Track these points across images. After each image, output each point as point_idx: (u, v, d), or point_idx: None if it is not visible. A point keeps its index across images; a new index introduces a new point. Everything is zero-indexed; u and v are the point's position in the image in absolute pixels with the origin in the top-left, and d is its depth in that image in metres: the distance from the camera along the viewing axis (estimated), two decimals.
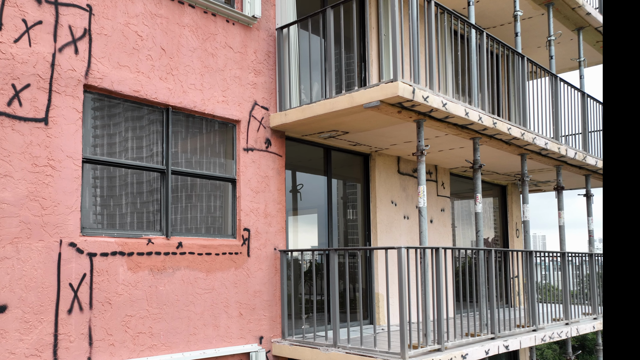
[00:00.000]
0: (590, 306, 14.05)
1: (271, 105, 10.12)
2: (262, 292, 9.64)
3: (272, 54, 10.23)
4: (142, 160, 8.50)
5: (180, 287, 8.50)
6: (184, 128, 9.05)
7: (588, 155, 13.93)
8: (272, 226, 9.94)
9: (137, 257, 8.02)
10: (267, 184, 9.90)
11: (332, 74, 9.58)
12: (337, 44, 11.07)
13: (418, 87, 8.75)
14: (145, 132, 8.57)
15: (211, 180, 9.39)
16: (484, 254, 10.27)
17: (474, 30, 10.61)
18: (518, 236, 17.86)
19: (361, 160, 12.52)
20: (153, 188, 8.61)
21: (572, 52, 17.43)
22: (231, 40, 9.55)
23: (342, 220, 12.18)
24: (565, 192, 16.27)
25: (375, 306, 12.02)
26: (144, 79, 8.31)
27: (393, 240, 12.64)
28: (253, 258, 9.56)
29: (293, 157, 10.94)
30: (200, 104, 9.01)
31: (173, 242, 8.49)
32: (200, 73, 9.05)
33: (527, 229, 12.05)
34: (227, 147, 9.63)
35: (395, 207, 12.82)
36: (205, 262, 8.85)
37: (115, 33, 8.04)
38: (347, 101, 9.06)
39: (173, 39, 8.75)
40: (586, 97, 14.59)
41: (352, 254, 11.77)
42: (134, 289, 7.95)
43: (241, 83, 9.63)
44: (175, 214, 8.86)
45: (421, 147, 9.24)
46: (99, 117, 8.07)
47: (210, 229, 9.36)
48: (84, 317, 7.41)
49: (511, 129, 10.91)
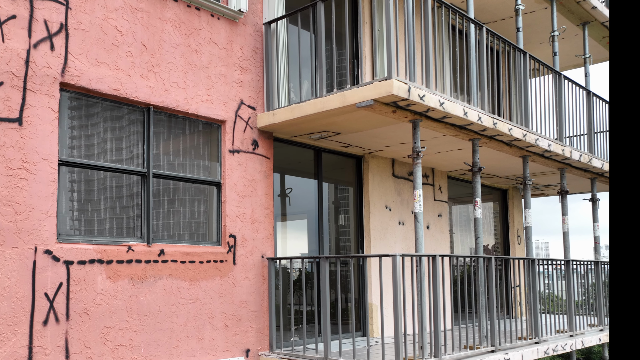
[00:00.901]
0: (596, 317, 14.14)
1: (258, 105, 10.18)
2: (248, 303, 9.69)
3: (260, 51, 10.29)
4: (121, 163, 8.56)
5: (162, 297, 8.55)
6: (166, 129, 9.10)
7: (594, 157, 14.03)
8: (260, 232, 10.00)
9: (116, 265, 8.07)
10: (254, 188, 9.96)
11: (323, 71, 9.64)
12: (328, 39, 11.14)
13: (414, 86, 8.83)
14: (125, 132, 8.62)
15: (195, 184, 9.44)
16: (483, 262, 10.35)
17: (473, 25, 10.69)
18: (520, 243, 17.96)
19: (354, 163, 12.59)
20: (133, 192, 8.67)
21: (576, 49, 17.54)
22: (216, 36, 9.62)
23: (334, 227, 12.24)
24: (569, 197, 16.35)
25: (369, 317, 12.08)
26: (123, 76, 8.37)
27: (387, 247, 12.71)
28: (239, 266, 9.62)
29: (281, 160, 11.00)
30: (183, 103, 9.07)
31: (154, 250, 8.54)
32: (184, 70, 9.11)
33: (529, 236, 12.13)
34: (211, 148, 9.68)
35: (390, 212, 12.89)
36: (189, 270, 8.90)
37: (93, 28, 8.10)
38: (338, 100, 9.12)
39: (154, 35, 8.81)
40: (592, 96, 14.69)
41: (344, 262, 11.83)
42: (113, 299, 8.00)
43: (227, 81, 9.69)
44: (157, 219, 8.91)
45: (417, 149, 9.31)
46: (76, 117, 8.12)
47: (194, 236, 9.41)
48: (60, 328, 7.46)
49: (512, 129, 10.99)
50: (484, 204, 17.14)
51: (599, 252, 14.80)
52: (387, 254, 8.64)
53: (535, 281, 11.64)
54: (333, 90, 9.39)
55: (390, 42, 8.77)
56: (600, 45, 17.35)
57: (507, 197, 17.98)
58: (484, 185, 16.64)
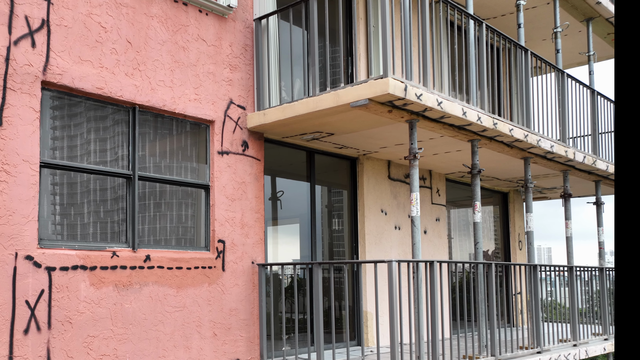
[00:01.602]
0: (601, 326, 14.22)
1: (248, 104, 10.23)
2: (238, 311, 9.73)
3: (250, 48, 10.34)
4: (106, 165, 8.60)
5: (148, 305, 8.58)
6: (152, 129, 9.14)
7: (598, 159, 14.10)
8: (250, 237, 10.04)
9: (100, 271, 8.10)
10: (243, 191, 10.00)
11: (316, 69, 9.69)
12: (321, 36, 11.19)
13: (410, 84, 8.88)
14: (109, 133, 8.66)
15: (182, 187, 9.48)
16: (483, 268, 10.40)
17: (473, 21, 10.75)
18: (521, 248, 18.02)
19: (348, 165, 12.63)
20: (118, 195, 8.71)
21: (580, 46, 17.63)
22: (204, 32, 9.66)
23: (327, 231, 12.29)
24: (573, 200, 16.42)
25: (364, 326, 12.12)
26: (108, 75, 8.41)
27: (383, 252, 12.75)
28: (228, 273, 9.66)
29: (273, 162, 11.05)
30: (170, 102, 9.11)
31: (140, 255, 8.58)
32: (170, 68, 9.15)
33: (530, 241, 12.19)
34: (199, 150, 9.72)
35: (386, 216, 12.94)
36: (176, 277, 8.94)
37: (76, 24, 8.14)
38: (332, 99, 9.17)
39: (140, 31, 8.85)
40: (596, 95, 14.76)
41: (338, 268, 11.87)
42: (97, 307, 8.04)
43: (215, 79, 9.74)
44: (143, 224, 8.94)
45: (414, 150, 9.37)
46: (59, 117, 8.16)
47: (181, 241, 9.45)
48: (41, 337, 7.49)
49: (513, 130, 11.05)
50: (483, 208, 17.20)
51: (604, 258, 14.87)
52: (383, 259, 8.68)
53: (537, 288, 11.70)
54: (326, 89, 9.44)
55: (386, 39, 8.82)
56: (604, 42, 17.42)
57: (508, 201, 18.05)
58: (483, 188, 16.71)
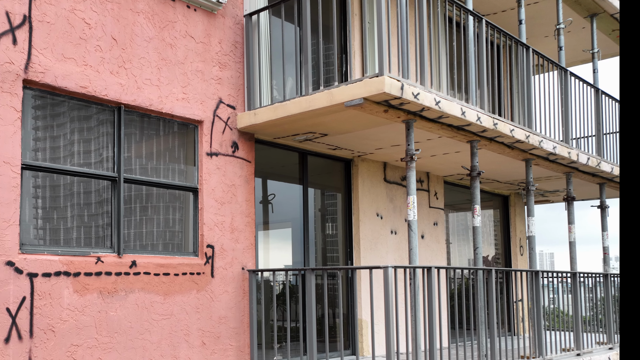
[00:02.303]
0: (605, 334, 14.27)
1: (238, 104, 10.27)
2: (228, 318, 9.77)
3: (240, 45, 10.38)
4: (90, 167, 8.64)
5: (134, 313, 8.62)
6: (138, 129, 9.18)
7: (603, 160, 14.17)
8: (240, 242, 10.08)
9: (84, 277, 8.14)
10: (233, 194, 10.04)
11: (309, 67, 9.74)
12: (314, 33, 11.23)
13: (407, 83, 8.93)
14: (93, 134, 8.69)
15: (169, 190, 9.52)
16: (483, 275, 10.46)
17: (472, 17, 10.81)
18: (522, 254, 18.08)
19: (342, 167, 12.68)
20: (103, 198, 8.74)
21: (584, 43, 17.69)
22: (192, 29, 9.70)
23: (320, 236, 12.32)
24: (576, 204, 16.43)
25: (358, 334, 12.15)
26: (92, 73, 8.45)
27: (379, 258, 12.80)
28: (218, 279, 9.70)
29: (264, 163, 11.09)
30: (156, 101, 9.15)
31: (126, 261, 8.62)
32: (157, 66, 9.19)
33: (532, 246, 12.25)
34: (187, 151, 9.76)
35: (381, 220, 12.98)
36: (163, 283, 8.98)
37: (59, 20, 8.18)
38: (325, 99, 9.22)
39: (126, 27, 8.89)
40: (600, 94, 14.83)
41: (332, 275, 11.90)
42: (81, 315, 8.07)
43: (204, 78, 9.78)
44: (129, 228, 8.98)
45: (411, 152, 9.41)
46: (41, 117, 8.19)
47: (168, 246, 9.48)
48: (23, 346, 7.52)
49: (514, 130, 11.11)
50: (483, 212, 17.25)
51: (608, 264, 14.93)
52: (379, 265, 8.72)
53: (539, 295, 11.75)
54: (320, 88, 9.48)
55: (382, 36, 8.87)
56: (609, 39, 17.49)
57: (509, 204, 18.11)
58: (483, 191, 16.75)
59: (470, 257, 16.45)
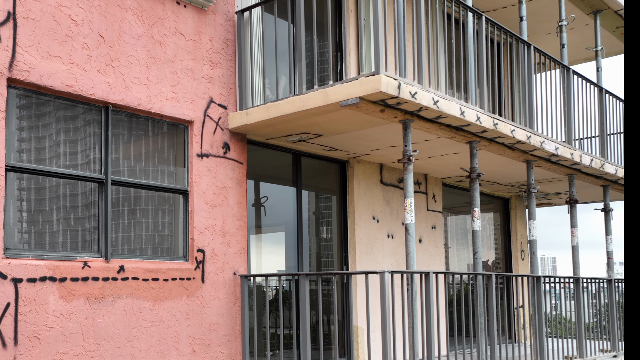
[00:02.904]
0: (609, 342, 14.32)
1: (230, 103, 10.30)
2: (219, 325, 9.80)
3: (232, 42, 10.41)
4: (76, 169, 8.67)
5: (122, 319, 8.65)
6: (126, 130, 9.21)
7: (606, 162, 14.21)
8: (231, 247, 10.11)
9: (70, 283, 8.16)
10: (225, 197, 10.07)
11: (303, 65, 9.78)
12: (308, 30, 11.26)
13: (404, 82, 8.97)
14: (80, 134, 8.72)
15: (159, 192, 9.55)
16: (482, 280, 10.49)
17: (471, 13, 10.84)
18: (523, 258, 18.11)
19: (337, 169, 12.71)
20: (90, 201, 8.77)
21: (587, 40, 17.71)
22: (182, 26, 9.73)
23: (315, 240, 12.35)
24: (579, 206, 16.49)
25: (354, 342, 12.18)
26: (79, 71, 8.48)
27: (375, 263, 12.82)
28: (208, 284, 9.73)
29: (256, 165, 11.12)
30: (145, 101, 9.18)
31: (113, 266, 8.64)
32: (146, 65, 9.22)
33: (534, 250, 12.28)
34: (177, 152, 9.79)
35: (378, 223, 13.01)
36: (152, 289, 9.01)
37: (44, 17, 8.21)
38: (320, 98, 9.26)
39: (113, 24, 8.92)
40: (604, 93, 14.87)
41: (326, 280, 11.93)
42: (67, 321, 8.10)
43: (194, 76, 9.81)
44: (116, 232, 9.00)
45: (408, 153, 9.45)
46: (26, 117, 8.22)
47: (157, 250, 9.51)
48: (7, 354, 7.54)
49: (515, 131, 11.15)
50: (483, 215, 17.29)
51: (612, 269, 14.98)
52: (375, 270, 8.76)
53: (540, 301, 11.78)
54: (314, 86, 9.51)
55: (378, 33, 8.90)
56: (613, 36, 17.52)
57: (509, 207, 18.15)
58: (483, 194, 16.78)
59: (469, 261, 16.49)
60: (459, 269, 16.19)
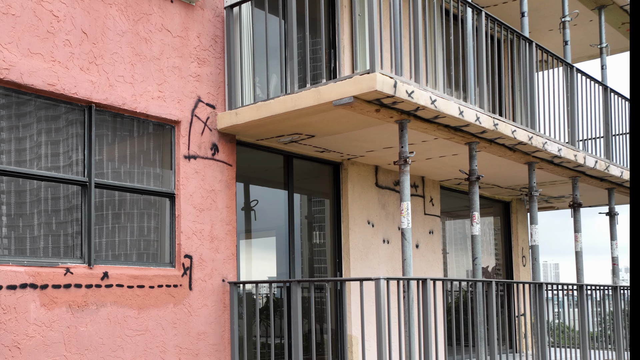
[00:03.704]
0: (615, 351, 14.37)
1: (219, 103, 10.33)
2: (207, 334, 9.82)
3: (220, 39, 10.44)
4: (58, 171, 8.69)
5: (106, 328, 8.67)
6: (110, 130, 9.24)
7: (612, 164, 14.25)
8: (220, 252, 10.13)
9: (52, 290, 8.18)
10: (213, 200, 10.09)
11: (294, 63, 9.81)
12: (300, 26, 11.29)
13: (401, 80, 9.01)
14: (62, 135, 8.74)
15: (144, 195, 9.57)
16: (482, 287, 10.53)
17: (470, 9, 10.87)
18: (525, 265, 18.16)
19: (330, 171, 12.74)
20: (72, 205, 8.79)
21: (591, 37, 17.77)
22: (169, 22, 9.76)
23: (307, 245, 12.38)
24: (583, 210, 16.52)
25: (348, 351, 12.20)
26: (61, 69, 8.50)
27: (370, 269, 12.86)
28: (196, 292, 9.75)
29: (246, 167, 11.14)
30: (130, 100, 9.21)
31: (97, 272, 8.67)
32: (131, 62, 9.25)
33: (535, 256, 12.32)
34: (163, 154, 9.82)
35: (373, 228, 13.05)
36: (137, 296, 9.03)
37: (25, 13, 8.23)
38: (312, 97, 9.30)
39: (97, 20, 8.95)
40: (609, 92, 14.90)
41: (319, 287, 11.95)
42: (49, 330, 8.11)
43: (181, 75, 9.84)
44: (100, 237, 9.03)
45: (405, 154, 9.48)
46: (6, 117, 8.24)
47: (143, 256, 9.53)
48: None
49: (516, 131, 11.19)
50: (482, 219, 17.33)
51: (618, 275, 15.00)
52: (370, 277, 8.78)
53: (543, 309, 11.82)
54: (306, 85, 9.55)
55: (374, 30, 8.93)
56: (619, 32, 17.56)
57: (510, 211, 18.20)
58: (482, 197, 16.82)
59: (468, 268, 16.52)
60: (458, 275, 16.22)
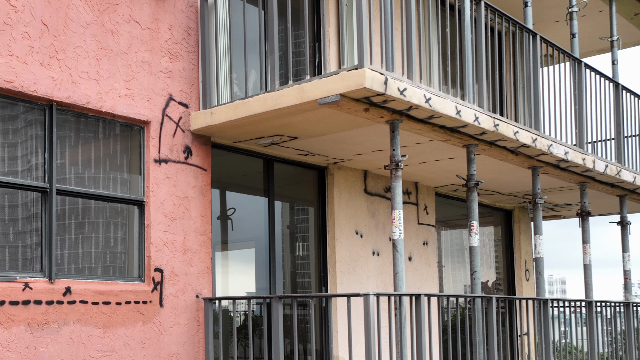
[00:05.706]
0: None
1: (192, 101, 10.37)
2: (179, 355, 9.86)
3: (194, 32, 10.48)
4: (16, 176, 8.72)
5: (68, 349, 8.70)
6: (73, 132, 9.28)
7: (624, 168, 14.32)
8: (194, 265, 10.18)
9: (9, 307, 8.21)
10: (186, 208, 10.14)
11: (275, 58, 9.87)
12: (281, 18, 11.34)
13: (392, 77, 9.07)
14: (20, 137, 8.78)
15: (110, 203, 9.62)
16: (481, 304, 10.60)
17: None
18: (528, 279, 18.23)
19: (315, 176, 12.79)
20: (31, 213, 8.83)
21: (601, 29, 17.84)
22: (137, 13, 9.81)
23: (289, 258, 12.42)
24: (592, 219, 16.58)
25: None
26: (19, 65, 8.54)
27: (358, 284, 12.91)
28: (167, 309, 9.80)
29: (222, 172, 11.19)
30: (95, 98, 9.25)
31: (59, 287, 8.70)
32: (96, 57, 9.29)
33: (540, 269, 12.39)
34: (132, 157, 9.86)
35: (362, 239, 13.09)
36: (103, 314, 9.07)
37: None
38: (295, 95, 9.36)
39: (59, 11, 8.98)
40: (621, 90, 14.96)
41: (303, 304, 12.00)
42: (6, 351, 8.14)
43: (151, 71, 9.89)
44: (62, 248, 9.06)
45: (396, 158, 9.55)
46: None
47: (109, 270, 9.56)
48: None
49: (519, 132, 11.28)
50: (482, 229, 17.39)
51: (630, 291, 15.09)
52: (358, 292, 8.83)
53: (548, 328, 11.89)
54: (288, 82, 9.60)
55: (362, 21, 8.98)
56: (631, 24, 17.63)
57: (512, 220, 18.27)
58: (482, 205, 16.84)
59: (466, 282, 16.58)
60: (455, 290, 16.28)
